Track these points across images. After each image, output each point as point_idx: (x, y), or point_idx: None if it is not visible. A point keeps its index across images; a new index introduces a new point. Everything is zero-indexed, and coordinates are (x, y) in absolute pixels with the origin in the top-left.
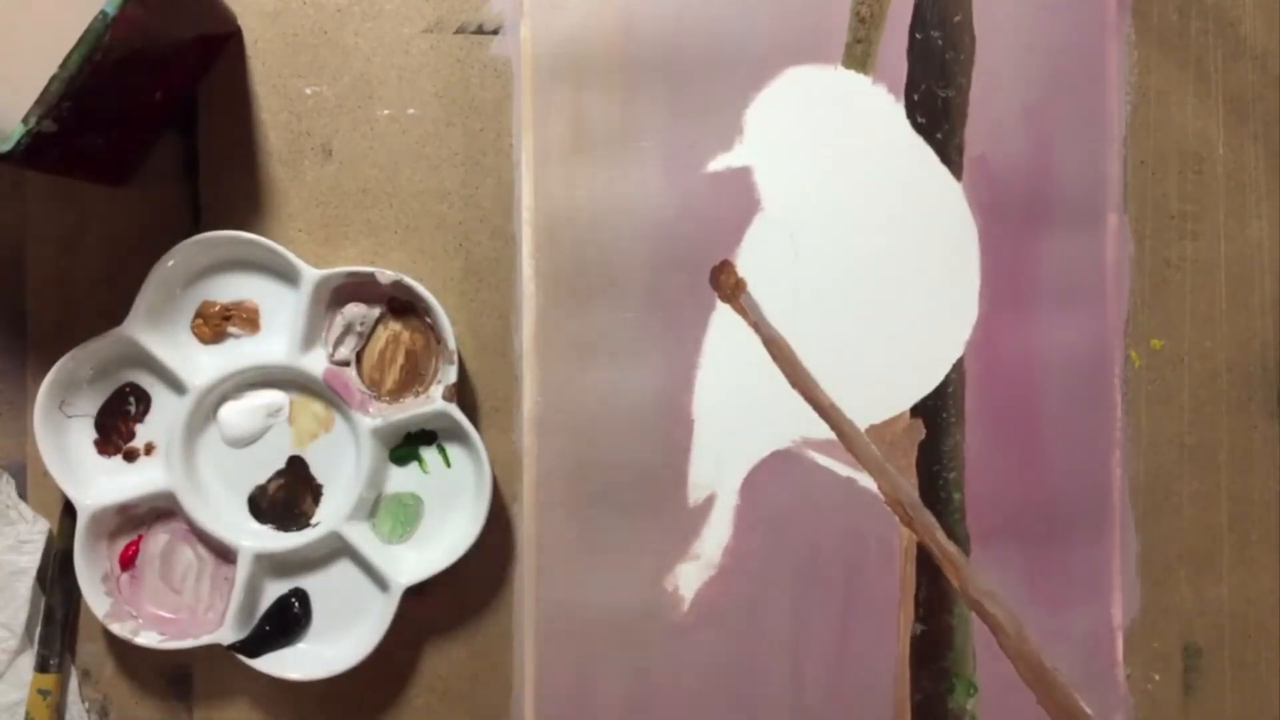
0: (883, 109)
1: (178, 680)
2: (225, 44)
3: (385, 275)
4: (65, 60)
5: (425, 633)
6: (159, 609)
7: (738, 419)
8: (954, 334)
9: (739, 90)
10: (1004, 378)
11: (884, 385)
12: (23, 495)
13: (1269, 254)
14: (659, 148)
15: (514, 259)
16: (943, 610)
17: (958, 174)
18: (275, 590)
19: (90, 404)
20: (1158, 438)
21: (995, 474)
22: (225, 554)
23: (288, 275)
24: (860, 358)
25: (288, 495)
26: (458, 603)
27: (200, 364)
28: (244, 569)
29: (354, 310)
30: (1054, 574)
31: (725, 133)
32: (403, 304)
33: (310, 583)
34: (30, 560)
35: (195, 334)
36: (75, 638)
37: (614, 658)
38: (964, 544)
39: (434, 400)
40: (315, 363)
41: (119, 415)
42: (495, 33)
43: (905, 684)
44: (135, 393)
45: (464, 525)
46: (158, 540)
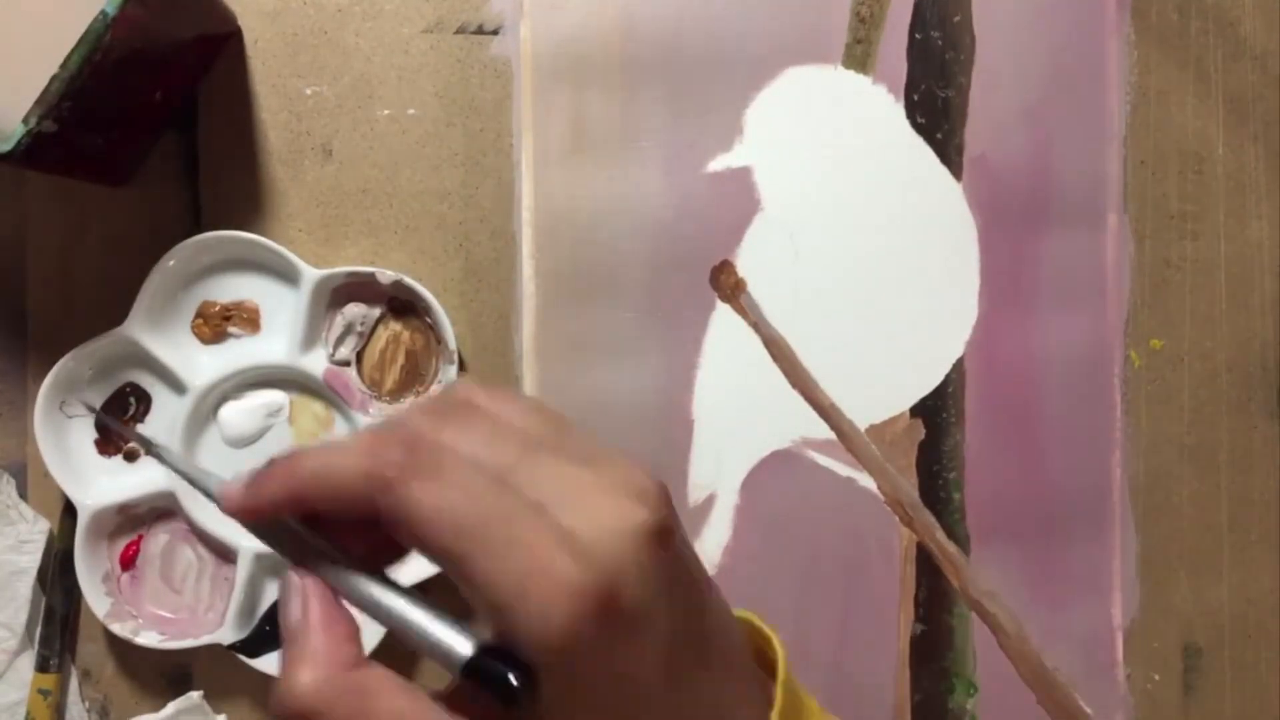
0: (883, 109)
1: (178, 680)
2: (225, 44)
3: (385, 275)
4: (65, 60)
5: None
6: (159, 609)
7: (738, 419)
8: (954, 334)
9: (739, 90)
10: (1004, 378)
11: (884, 385)
12: (23, 495)
13: (1269, 254)
14: (659, 148)
15: (514, 259)
16: (943, 610)
17: (958, 174)
18: (275, 590)
19: (90, 404)
20: (1157, 438)
21: (995, 474)
22: (225, 554)
23: (288, 275)
24: (860, 358)
25: None
26: (457, 603)
27: (200, 364)
28: (244, 569)
29: (354, 310)
30: (1054, 574)
31: (725, 133)
32: (403, 304)
33: None
34: (30, 560)
35: (195, 334)
36: (75, 638)
37: None
38: (964, 544)
39: None
40: (315, 363)
41: (119, 415)
42: (495, 33)
43: (905, 684)
44: (135, 393)
45: None
46: (158, 540)
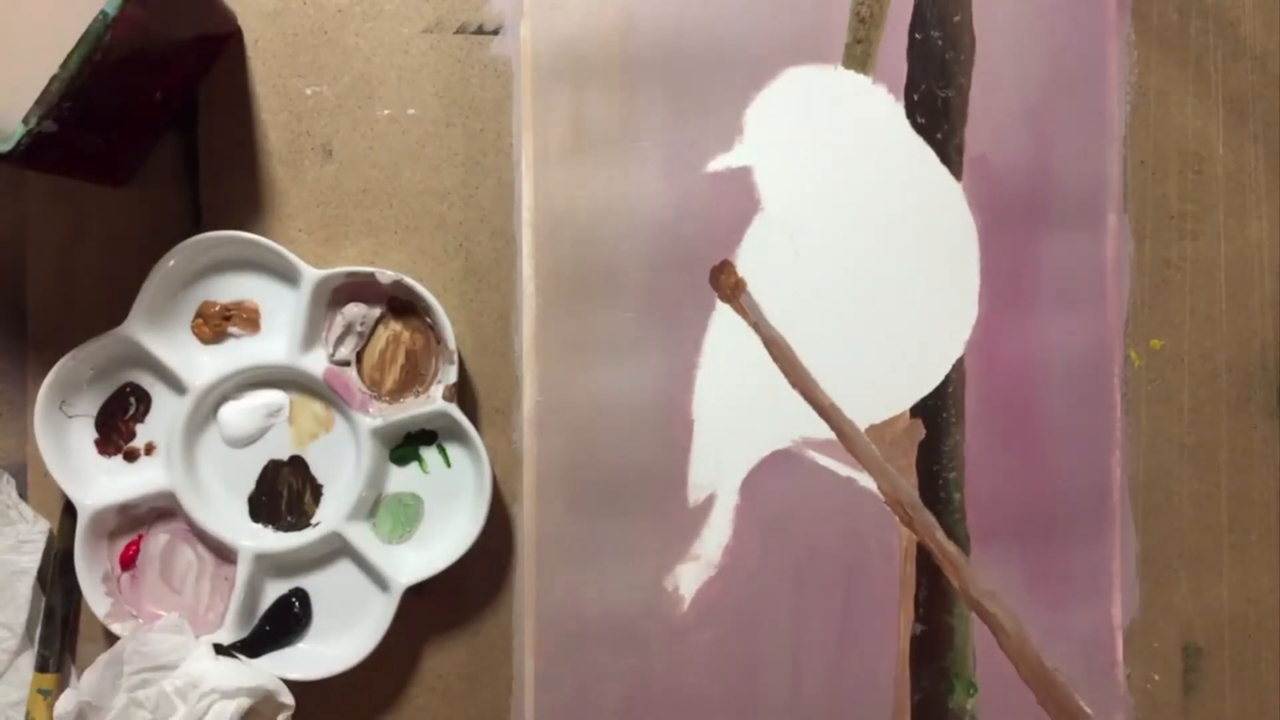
0: (883, 109)
1: None
2: (225, 44)
3: (385, 275)
4: (65, 60)
5: (425, 633)
6: (159, 609)
7: (738, 419)
8: (954, 334)
9: (739, 90)
10: (1004, 378)
11: (884, 385)
12: (23, 495)
13: (1269, 254)
14: (659, 148)
15: (514, 259)
16: (943, 610)
17: (958, 174)
18: (275, 590)
19: (90, 404)
20: (1158, 438)
21: (995, 474)
22: (225, 554)
23: (288, 275)
24: (860, 358)
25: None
26: (458, 603)
27: (200, 364)
28: (244, 569)
29: (354, 310)
30: (1054, 574)
31: (725, 133)
32: (403, 304)
33: (310, 583)
34: (30, 560)
35: (195, 334)
36: (75, 638)
37: (614, 658)
38: (964, 544)
39: (434, 400)
40: (315, 363)
41: (119, 415)
42: (495, 33)
43: (905, 684)
44: (135, 393)
45: (464, 525)
46: (158, 540)
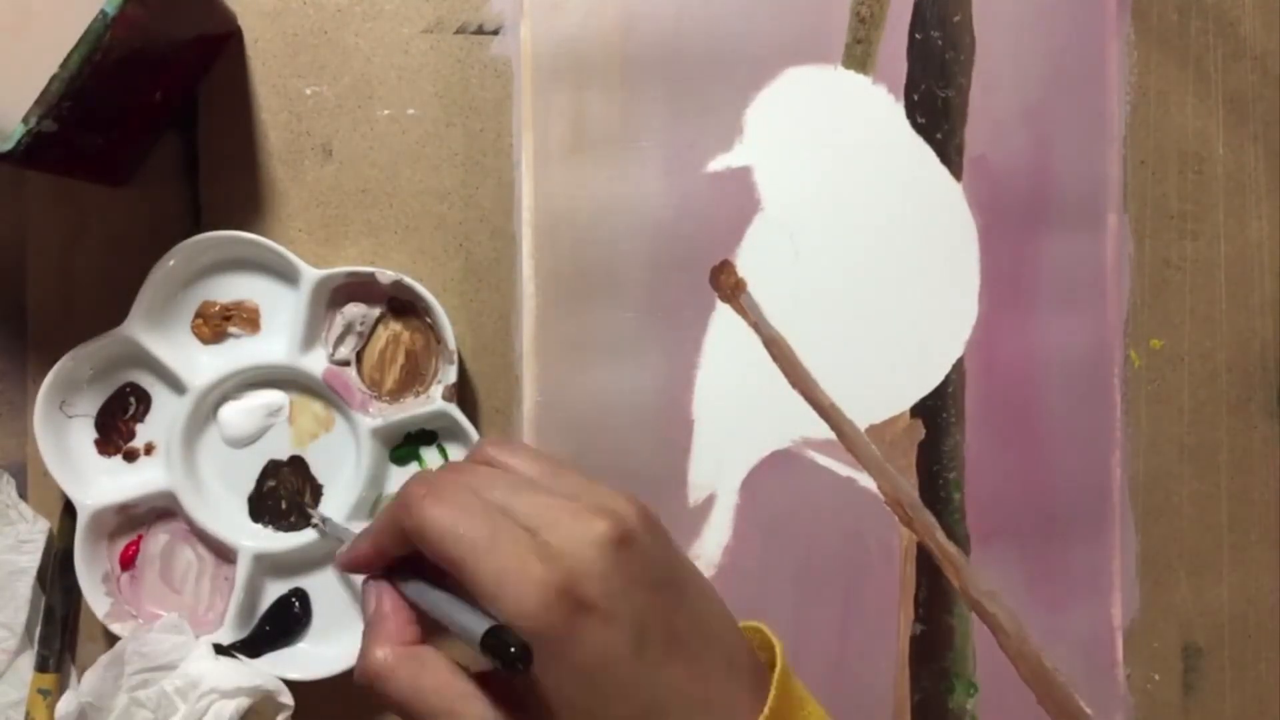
0: (883, 109)
1: None
2: (225, 44)
3: (385, 275)
4: (65, 60)
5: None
6: (159, 609)
7: (738, 419)
8: (954, 334)
9: (739, 90)
10: (1004, 378)
11: (884, 385)
12: (23, 495)
13: (1269, 254)
14: (659, 148)
15: (514, 259)
16: (943, 610)
17: (958, 174)
18: (275, 590)
19: (90, 404)
20: (1157, 438)
21: (995, 474)
22: (225, 554)
23: (288, 275)
24: (860, 358)
25: (288, 495)
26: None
27: (200, 364)
28: (244, 569)
29: (354, 310)
30: (1054, 574)
31: (725, 133)
32: (403, 304)
33: (310, 583)
34: (30, 560)
35: (195, 334)
36: (75, 638)
37: None
38: (964, 544)
39: (434, 400)
40: (315, 363)
41: (119, 415)
42: (495, 33)
43: (905, 684)
44: (135, 393)
45: None
46: (158, 540)
